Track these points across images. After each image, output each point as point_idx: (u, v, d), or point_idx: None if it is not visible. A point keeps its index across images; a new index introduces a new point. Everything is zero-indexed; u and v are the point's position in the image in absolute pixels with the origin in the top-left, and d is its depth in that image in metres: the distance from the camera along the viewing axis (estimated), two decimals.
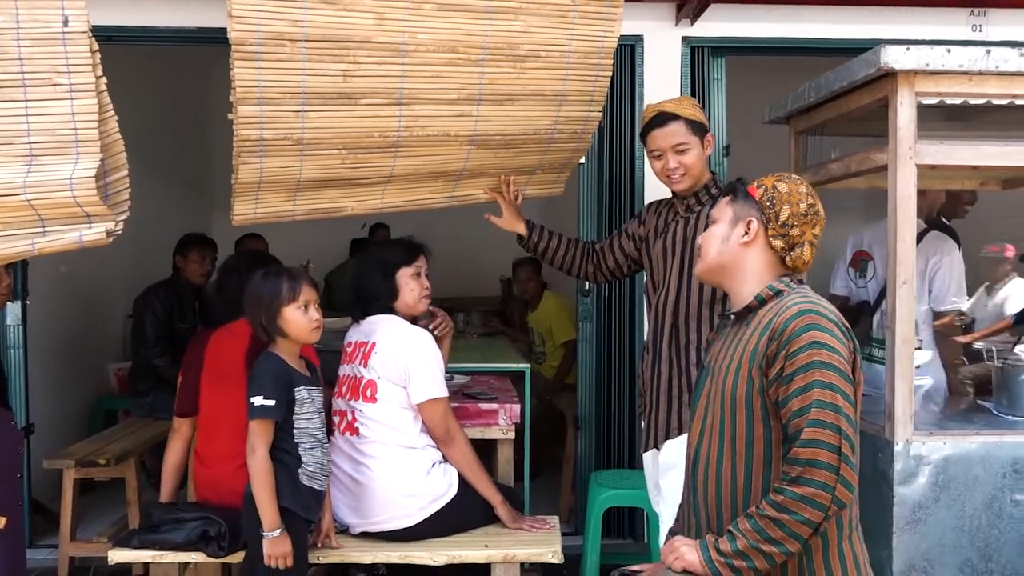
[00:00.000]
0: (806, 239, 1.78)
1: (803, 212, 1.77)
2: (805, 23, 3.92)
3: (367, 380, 2.67)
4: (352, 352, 2.77)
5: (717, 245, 1.82)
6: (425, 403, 2.64)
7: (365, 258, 2.88)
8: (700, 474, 1.82)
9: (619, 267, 2.88)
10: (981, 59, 2.38)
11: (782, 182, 1.80)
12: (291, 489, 2.37)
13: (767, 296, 1.76)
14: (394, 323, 2.73)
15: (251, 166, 2.43)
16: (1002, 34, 3.92)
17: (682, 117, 2.55)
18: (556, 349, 5.10)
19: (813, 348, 1.62)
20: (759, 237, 1.78)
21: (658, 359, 2.60)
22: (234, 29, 2.23)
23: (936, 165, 2.49)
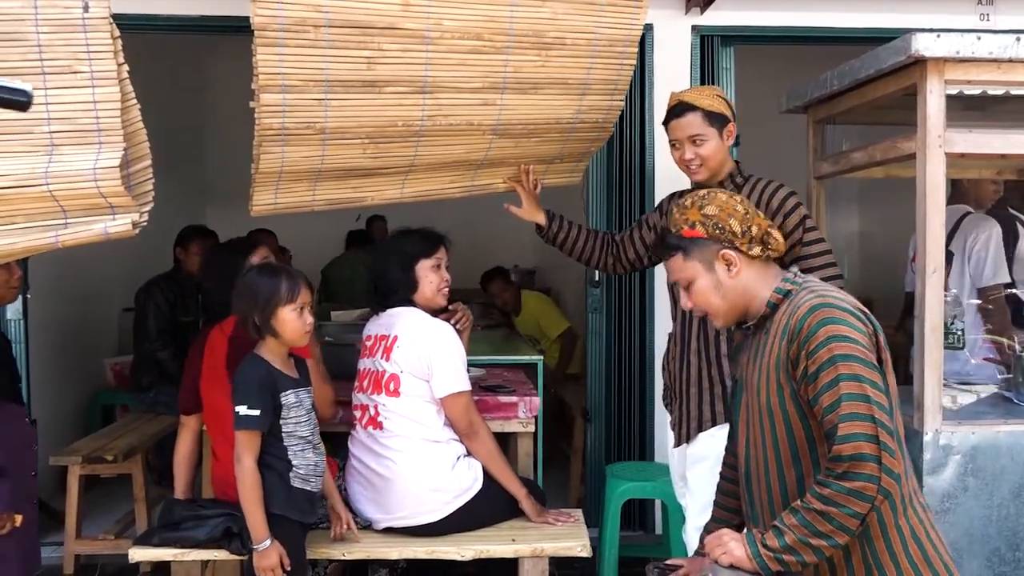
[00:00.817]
0: (764, 228, 1.81)
1: (744, 213, 1.80)
2: (813, 12, 3.90)
3: (390, 374, 2.62)
4: (373, 346, 2.72)
5: (716, 294, 1.81)
6: (448, 397, 2.60)
7: (384, 249, 2.83)
8: (755, 488, 1.82)
9: (639, 258, 2.86)
10: (1012, 46, 2.36)
11: (705, 207, 1.80)
12: (283, 494, 2.32)
13: (777, 300, 1.78)
14: (415, 315, 2.68)
15: (272, 155, 2.38)
16: (1009, 23, 3.91)
17: (699, 108, 2.52)
18: (552, 344, 5.08)
19: (831, 342, 1.62)
20: (738, 260, 1.79)
21: (687, 350, 2.58)
22: (257, 15, 2.17)
23: (965, 154, 2.47)
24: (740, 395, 1.88)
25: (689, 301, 1.86)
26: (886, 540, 1.67)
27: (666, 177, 3.89)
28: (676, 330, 2.65)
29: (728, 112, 2.57)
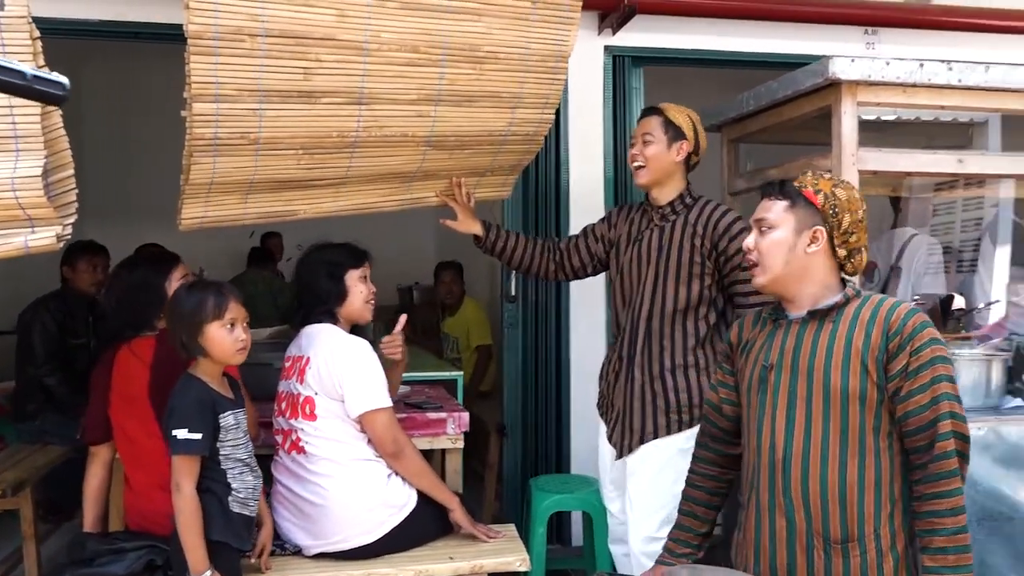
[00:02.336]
0: (862, 243, 1.84)
1: (860, 219, 1.82)
2: (717, 36, 4.08)
3: (304, 397, 2.52)
4: (290, 368, 2.63)
5: (784, 254, 1.82)
6: (366, 415, 2.50)
7: (309, 260, 2.70)
8: (795, 470, 1.79)
9: (583, 267, 2.90)
10: (915, 72, 2.55)
11: (839, 188, 1.83)
12: (222, 520, 2.21)
13: (851, 295, 1.82)
14: (330, 333, 2.58)
15: (203, 166, 2.27)
16: (891, 52, 4.21)
17: (661, 113, 2.64)
18: (471, 355, 5.07)
19: (935, 345, 1.71)
20: (825, 244, 1.81)
21: (631, 364, 2.63)
22: (191, 23, 2.07)
23: (877, 171, 2.64)
24: (778, 380, 1.84)
25: (755, 244, 1.85)
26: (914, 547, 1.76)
27: (581, 193, 3.97)
28: (622, 345, 2.70)
29: (688, 131, 2.65)
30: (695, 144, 2.66)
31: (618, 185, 4.03)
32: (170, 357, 2.35)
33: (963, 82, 2.56)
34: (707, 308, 2.59)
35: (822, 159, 2.66)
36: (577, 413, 3.94)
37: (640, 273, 2.66)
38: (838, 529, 1.76)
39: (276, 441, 2.62)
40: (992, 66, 2.59)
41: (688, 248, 2.58)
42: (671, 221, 2.64)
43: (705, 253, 2.56)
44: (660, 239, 2.63)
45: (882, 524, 1.75)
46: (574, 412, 3.97)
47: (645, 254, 2.65)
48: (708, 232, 2.56)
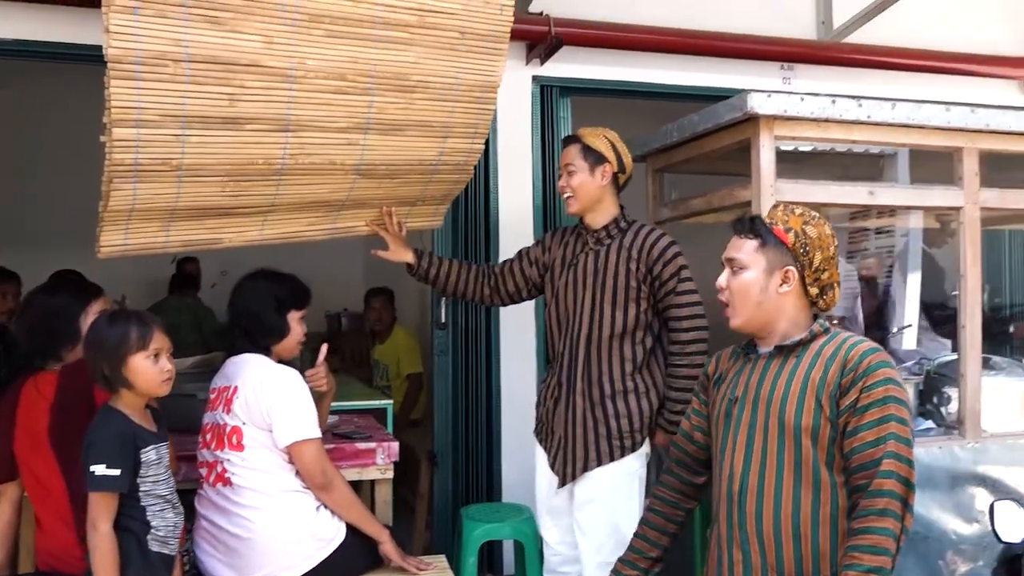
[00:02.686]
0: (833, 280, 1.84)
1: (831, 256, 1.82)
2: (642, 68, 4.19)
3: (231, 427, 2.47)
4: (216, 398, 2.56)
5: (756, 295, 1.81)
6: (293, 446, 2.45)
7: (253, 289, 2.62)
8: (751, 503, 1.79)
9: (518, 291, 2.91)
10: (827, 108, 2.67)
11: (810, 225, 1.82)
12: (140, 560, 2.13)
13: (818, 331, 1.81)
14: (259, 363, 2.54)
15: (124, 193, 2.21)
16: (806, 87, 4.40)
17: (580, 141, 2.68)
18: (401, 383, 5.03)
19: (889, 384, 1.69)
20: (796, 284, 1.81)
21: (572, 392, 2.63)
22: (111, 46, 2.03)
23: (794, 202, 2.73)
24: (741, 412, 1.86)
25: (727, 283, 1.84)
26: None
27: (510, 221, 4.01)
28: (561, 371, 2.69)
29: (610, 155, 2.68)
30: (619, 163, 2.69)
31: (547, 213, 4.07)
32: (74, 394, 2.27)
33: (872, 118, 2.69)
34: (643, 332, 2.61)
35: (742, 190, 2.74)
36: (509, 440, 3.94)
37: (576, 297, 2.67)
38: (792, 565, 1.74)
39: (200, 474, 2.54)
40: (898, 103, 2.73)
41: (624, 272, 2.60)
42: (606, 245, 2.66)
43: (640, 277, 2.59)
44: (596, 263, 2.65)
45: (838, 562, 1.71)
46: (505, 439, 3.96)
47: (581, 278, 2.67)
48: (643, 256, 2.59)
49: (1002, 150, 2.93)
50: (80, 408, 2.25)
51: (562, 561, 2.72)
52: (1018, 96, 4.87)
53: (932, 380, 3.26)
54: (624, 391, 2.56)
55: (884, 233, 4.86)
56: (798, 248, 1.80)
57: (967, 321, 2.96)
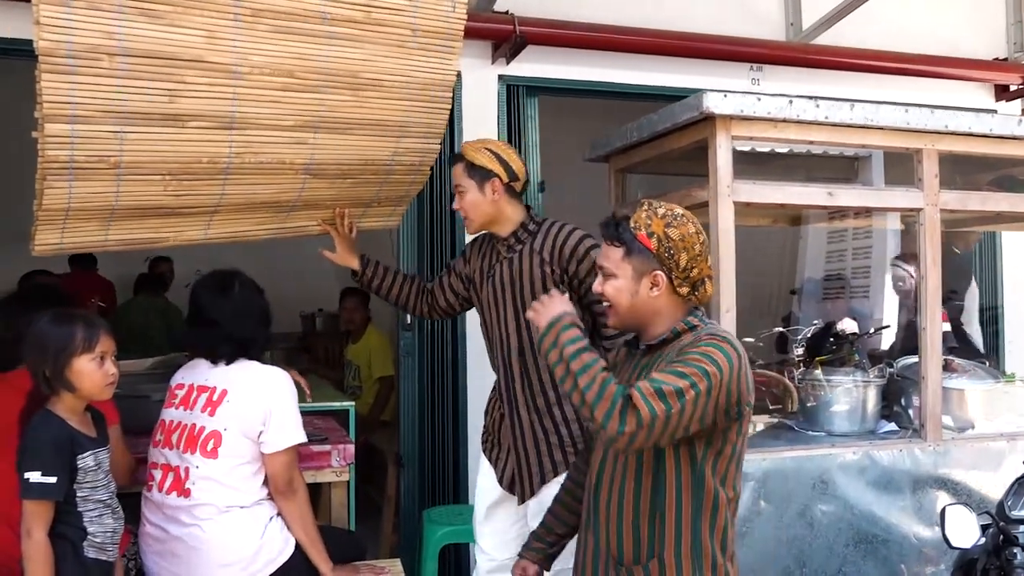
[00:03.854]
0: (704, 275, 1.85)
1: (698, 253, 1.83)
2: (609, 68, 4.16)
3: (210, 431, 2.38)
4: (187, 396, 2.46)
5: (627, 300, 1.84)
6: (280, 452, 2.40)
7: (246, 303, 2.55)
8: (603, 496, 1.84)
9: (451, 306, 2.86)
10: (785, 108, 2.64)
11: (672, 227, 1.82)
12: (75, 566, 2.07)
13: (682, 330, 1.83)
14: (246, 366, 2.47)
15: (58, 191, 2.16)
16: (774, 88, 4.38)
17: (464, 159, 2.59)
18: (372, 384, 4.98)
19: (701, 356, 1.69)
20: (665, 287, 1.83)
21: (515, 405, 2.57)
22: (42, 38, 1.98)
23: (750, 203, 2.71)
24: None
25: (602, 288, 1.87)
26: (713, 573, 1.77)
27: None
28: (500, 386, 2.64)
29: (496, 167, 2.56)
30: (507, 172, 2.58)
31: None
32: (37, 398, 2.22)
33: (829, 119, 2.67)
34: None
35: (700, 190, 2.71)
36: (474, 443, 3.90)
37: (498, 309, 2.62)
38: (630, 551, 1.80)
39: (151, 475, 2.46)
40: (857, 104, 2.71)
41: (539, 276, 2.53)
42: (517, 251, 2.59)
43: (556, 279, 2.52)
44: (511, 272, 2.58)
45: (666, 550, 1.77)
46: (471, 442, 3.93)
47: (499, 289, 2.61)
48: (555, 257, 2.52)
49: (962, 152, 2.91)
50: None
51: (495, 568, 2.68)
52: (990, 100, 4.87)
53: (896, 382, 3.25)
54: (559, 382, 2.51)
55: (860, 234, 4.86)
56: (662, 253, 1.82)
57: (927, 323, 2.94)
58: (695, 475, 1.75)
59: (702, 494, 1.76)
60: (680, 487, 1.76)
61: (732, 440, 1.77)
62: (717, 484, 1.77)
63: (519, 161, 2.62)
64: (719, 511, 1.78)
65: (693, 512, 1.76)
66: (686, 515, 1.76)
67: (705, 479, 1.75)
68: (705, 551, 1.77)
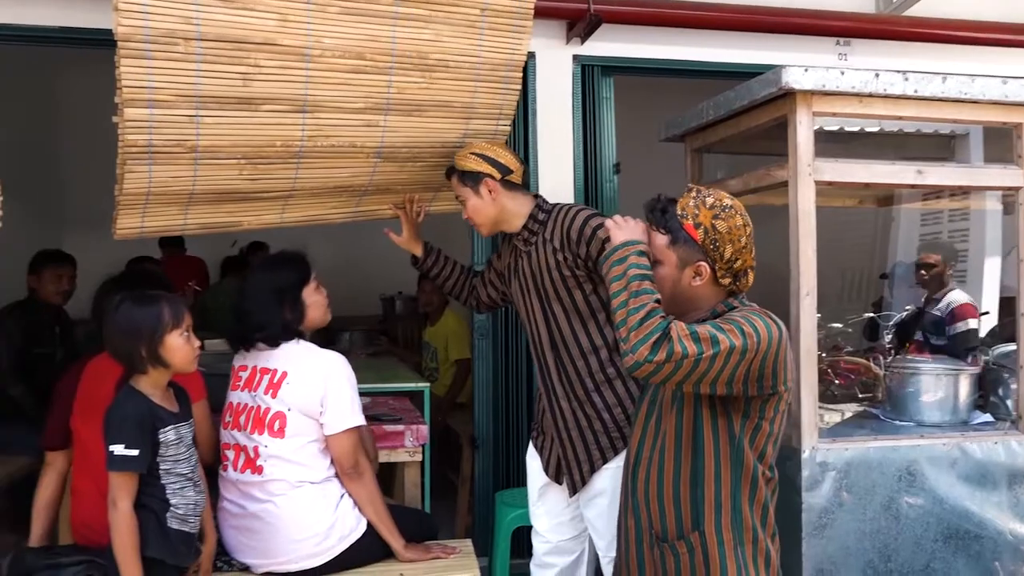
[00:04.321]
0: (747, 266, 1.87)
1: (743, 246, 1.84)
2: (688, 46, 4.04)
3: (275, 412, 2.44)
4: (251, 378, 2.52)
5: (669, 287, 1.87)
6: (340, 433, 2.44)
7: (255, 287, 2.56)
8: (641, 475, 1.88)
9: (493, 301, 2.86)
10: (871, 82, 2.51)
11: (720, 219, 1.82)
12: (158, 536, 2.15)
13: (722, 311, 1.86)
14: (305, 349, 2.52)
15: (138, 175, 2.23)
16: (864, 63, 4.17)
17: (456, 170, 2.57)
18: (449, 367, 5.02)
19: (741, 319, 1.73)
20: (708, 277, 1.85)
21: (555, 397, 2.55)
22: (121, 24, 2.04)
23: (833, 182, 2.59)
24: (652, 391, 1.94)
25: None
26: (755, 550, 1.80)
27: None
28: (538, 379, 2.62)
29: (484, 167, 2.52)
30: (499, 168, 2.54)
31: (588, 195, 3.98)
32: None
33: (919, 92, 2.52)
34: (603, 313, 2.48)
35: (779, 170, 2.61)
36: None
37: (527, 304, 2.59)
38: (672, 527, 1.83)
39: (224, 455, 2.54)
40: (950, 77, 2.55)
41: (555, 264, 2.49)
42: (533, 244, 2.56)
43: (572, 264, 2.46)
44: (530, 265, 2.56)
45: (706, 523, 1.79)
46: None
47: (525, 284, 2.58)
48: (565, 244, 2.47)
49: None
50: None
51: (550, 550, 2.66)
52: None
53: (993, 371, 3.08)
54: (607, 380, 2.46)
55: (957, 216, 4.62)
56: (708, 244, 1.83)
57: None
58: (733, 448, 1.77)
59: (740, 468, 1.77)
60: (719, 459, 1.78)
61: (768, 416, 1.78)
62: (755, 459, 1.78)
63: (509, 154, 2.58)
64: (758, 486, 1.79)
65: (733, 484, 1.78)
66: (725, 487, 1.78)
67: (743, 453, 1.77)
68: (746, 523, 1.78)
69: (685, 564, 1.80)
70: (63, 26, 3.34)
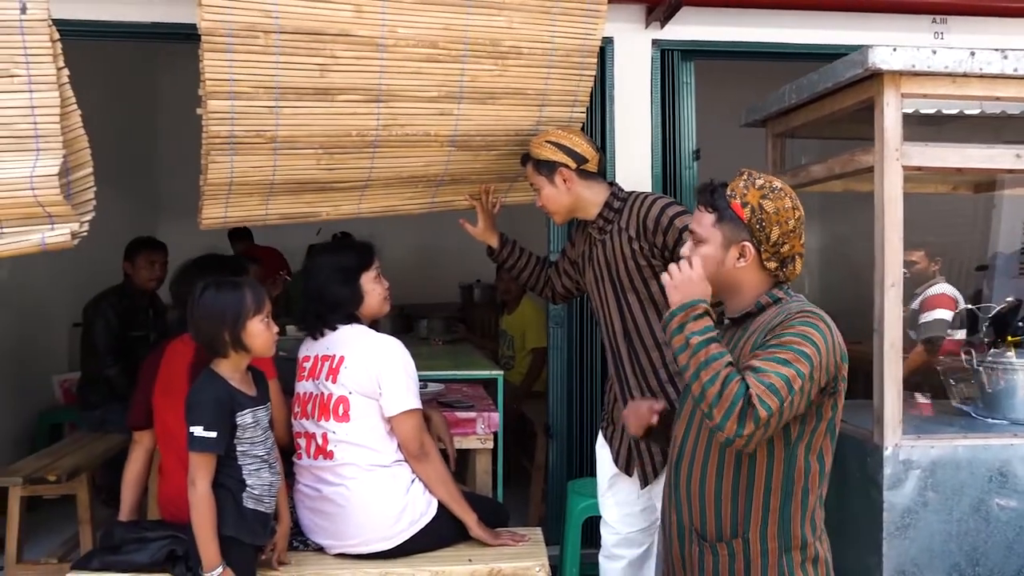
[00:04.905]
0: (795, 252, 1.82)
1: (791, 229, 1.79)
2: (772, 28, 3.92)
3: (338, 396, 2.49)
4: (314, 367, 2.58)
5: (713, 268, 1.82)
6: (399, 416, 2.47)
7: (318, 268, 2.62)
8: (684, 470, 1.85)
9: (568, 291, 2.85)
10: (966, 61, 2.38)
11: (767, 199, 1.79)
12: (235, 515, 2.22)
13: (766, 303, 1.81)
14: (361, 332, 2.57)
15: (221, 165, 2.30)
16: (962, 41, 3.97)
17: (531, 157, 2.55)
18: (525, 355, 5.03)
19: (798, 337, 1.68)
20: (753, 259, 1.80)
21: (627, 387, 2.53)
22: (204, 19, 2.12)
23: (922, 167, 2.48)
24: None
25: (688, 254, 1.87)
26: (803, 555, 1.75)
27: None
28: (611, 369, 2.61)
29: (560, 156, 2.50)
30: (575, 157, 2.51)
31: (667, 182, 3.92)
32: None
33: (1019, 71, 2.38)
34: None
35: (864, 154, 2.51)
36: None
37: (601, 293, 2.57)
38: (712, 529, 1.80)
39: (297, 444, 2.59)
40: None
41: (630, 254, 2.47)
42: (608, 232, 2.53)
43: (648, 253, 2.44)
44: (604, 254, 2.54)
45: (751, 530, 1.75)
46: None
47: (599, 272, 2.56)
48: (641, 232, 2.45)
49: None
50: None
51: (619, 541, 2.63)
52: None
53: None
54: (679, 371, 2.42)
55: None
56: (754, 223, 1.78)
57: None
58: (788, 453, 1.73)
59: (793, 475, 1.73)
60: (771, 467, 1.73)
61: (827, 416, 1.74)
62: (812, 460, 1.74)
63: (585, 142, 2.55)
64: (810, 493, 1.75)
65: (783, 494, 1.73)
66: (775, 496, 1.74)
67: (797, 458, 1.73)
68: (794, 532, 1.74)
69: (724, 567, 1.77)
70: (154, 22, 3.48)
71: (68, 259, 4.57)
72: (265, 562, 2.39)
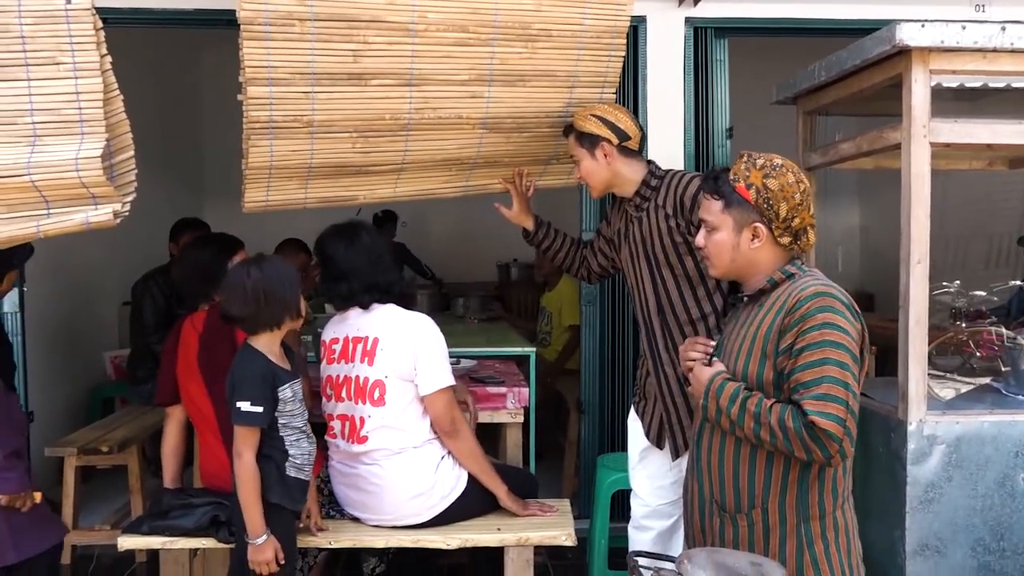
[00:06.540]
0: (806, 224, 1.86)
1: (799, 203, 1.83)
2: (807, 4, 3.90)
3: (374, 380, 2.52)
4: (344, 349, 2.59)
5: (728, 253, 1.89)
6: (434, 394, 2.52)
7: (375, 249, 2.61)
8: (704, 444, 1.91)
9: (604, 269, 2.89)
10: (996, 36, 2.36)
11: (771, 178, 1.82)
12: (279, 483, 2.33)
13: (779, 279, 1.86)
14: (394, 312, 2.59)
15: (261, 149, 2.39)
16: (1005, 15, 3.90)
17: (574, 129, 2.59)
18: (562, 332, 5.09)
19: (825, 328, 1.72)
20: (766, 237, 1.85)
21: (660, 363, 2.58)
22: (243, 8, 2.19)
23: (950, 144, 2.47)
24: (717, 356, 1.96)
25: (703, 242, 1.94)
26: (822, 525, 1.79)
27: None
28: (644, 345, 2.65)
29: (603, 131, 2.53)
30: (617, 133, 2.54)
31: (700, 162, 3.94)
32: (218, 328, 2.53)
33: None
34: (713, 279, 2.50)
35: (892, 131, 2.51)
36: None
37: (637, 269, 2.61)
38: (731, 501, 1.86)
39: (331, 426, 2.64)
40: None
41: (666, 231, 2.51)
42: (644, 210, 2.57)
43: (684, 231, 2.48)
44: (640, 231, 2.58)
45: (770, 501, 1.80)
46: None
47: (634, 249, 2.61)
48: (679, 210, 2.49)
49: None
50: (222, 339, 2.54)
51: (648, 513, 2.69)
52: None
53: None
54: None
55: None
56: (761, 204, 1.83)
57: None
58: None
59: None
60: None
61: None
62: None
63: (629, 120, 2.59)
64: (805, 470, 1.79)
65: (802, 467, 1.78)
66: (794, 470, 1.78)
67: None
68: (812, 501, 1.78)
69: (744, 537, 1.82)
70: (197, 8, 3.59)
71: (118, 241, 4.80)
72: (304, 529, 2.50)
